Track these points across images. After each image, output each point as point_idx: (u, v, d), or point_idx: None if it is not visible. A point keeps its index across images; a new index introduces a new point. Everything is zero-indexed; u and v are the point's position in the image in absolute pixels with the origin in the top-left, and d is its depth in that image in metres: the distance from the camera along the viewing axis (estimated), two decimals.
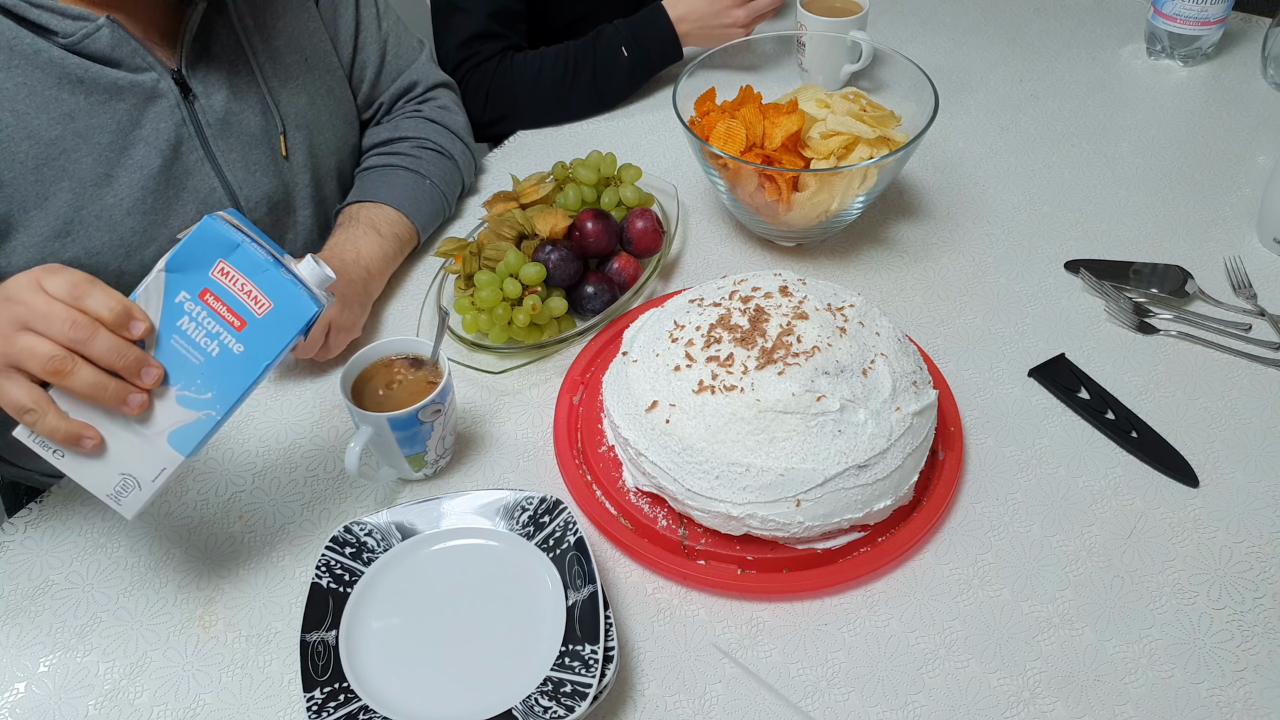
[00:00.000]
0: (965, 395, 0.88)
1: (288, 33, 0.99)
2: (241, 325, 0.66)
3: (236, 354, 0.66)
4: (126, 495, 0.67)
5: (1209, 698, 0.67)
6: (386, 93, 1.12)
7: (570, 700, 0.62)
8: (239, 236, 0.65)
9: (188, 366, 0.66)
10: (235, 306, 0.65)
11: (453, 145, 1.11)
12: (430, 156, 1.08)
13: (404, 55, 1.12)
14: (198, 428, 0.66)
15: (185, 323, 0.65)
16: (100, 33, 0.82)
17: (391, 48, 1.11)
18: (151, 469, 0.66)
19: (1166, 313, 0.94)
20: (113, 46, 0.83)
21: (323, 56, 1.03)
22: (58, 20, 0.81)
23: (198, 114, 0.91)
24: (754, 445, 0.71)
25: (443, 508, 0.74)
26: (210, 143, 0.92)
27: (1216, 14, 1.25)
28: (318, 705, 0.63)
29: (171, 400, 0.66)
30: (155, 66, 0.87)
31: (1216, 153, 1.16)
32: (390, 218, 1.01)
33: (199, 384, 0.66)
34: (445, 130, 1.12)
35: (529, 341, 0.92)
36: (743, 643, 0.72)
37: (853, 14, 1.21)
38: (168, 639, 0.74)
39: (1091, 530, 0.77)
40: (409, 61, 1.13)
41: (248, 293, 0.65)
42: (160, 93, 0.88)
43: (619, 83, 1.27)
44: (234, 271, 0.65)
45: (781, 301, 0.78)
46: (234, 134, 0.94)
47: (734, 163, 0.93)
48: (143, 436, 0.66)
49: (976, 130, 1.21)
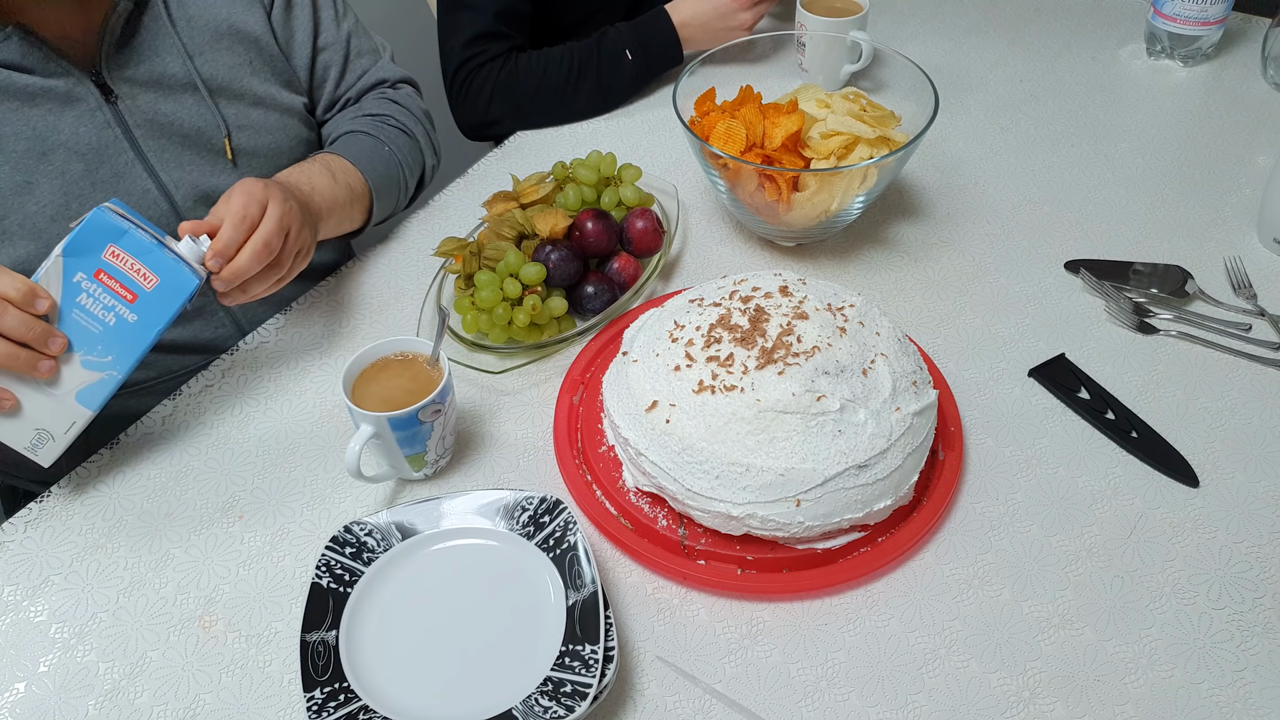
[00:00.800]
0: (965, 395, 0.88)
1: (232, 35, 0.97)
2: (134, 298, 0.77)
3: (131, 322, 0.78)
4: (42, 447, 0.79)
5: (1209, 698, 0.67)
6: (353, 89, 1.11)
7: (570, 700, 0.62)
8: (125, 224, 0.77)
9: (89, 335, 0.77)
10: (127, 283, 0.77)
11: (415, 126, 1.12)
12: (391, 132, 1.08)
13: (367, 55, 1.12)
14: (102, 386, 0.78)
15: (84, 298, 0.76)
16: (9, 42, 0.82)
17: (354, 48, 1.10)
18: (63, 424, 0.78)
19: (1166, 313, 0.94)
20: (22, 54, 0.83)
21: (270, 60, 1.02)
22: None
23: (124, 115, 0.90)
24: (754, 445, 0.71)
25: (443, 508, 0.74)
26: (141, 144, 0.92)
27: (1216, 14, 1.25)
28: (318, 705, 0.63)
29: (77, 364, 0.77)
30: (72, 71, 0.86)
31: (1216, 153, 1.16)
32: (344, 167, 1.01)
33: (100, 349, 0.77)
34: (408, 112, 1.12)
35: (529, 341, 0.92)
36: (743, 643, 0.72)
37: (853, 14, 1.21)
38: (168, 639, 0.74)
39: (1091, 530, 0.77)
40: (373, 62, 1.12)
41: (137, 270, 0.77)
42: (77, 97, 0.87)
43: (622, 85, 1.27)
44: (124, 254, 0.77)
45: (781, 301, 0.78)
46: (167, 135, 0.93)
47: (734, 163, 0.93)
48: (54, 397, 0.77)
49: (976, 130, 1.21)
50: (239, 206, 0.81)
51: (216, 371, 0.94)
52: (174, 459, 0.87)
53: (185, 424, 0.90)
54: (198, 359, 1.04)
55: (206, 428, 0.89)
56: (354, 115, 1.09)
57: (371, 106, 1.10)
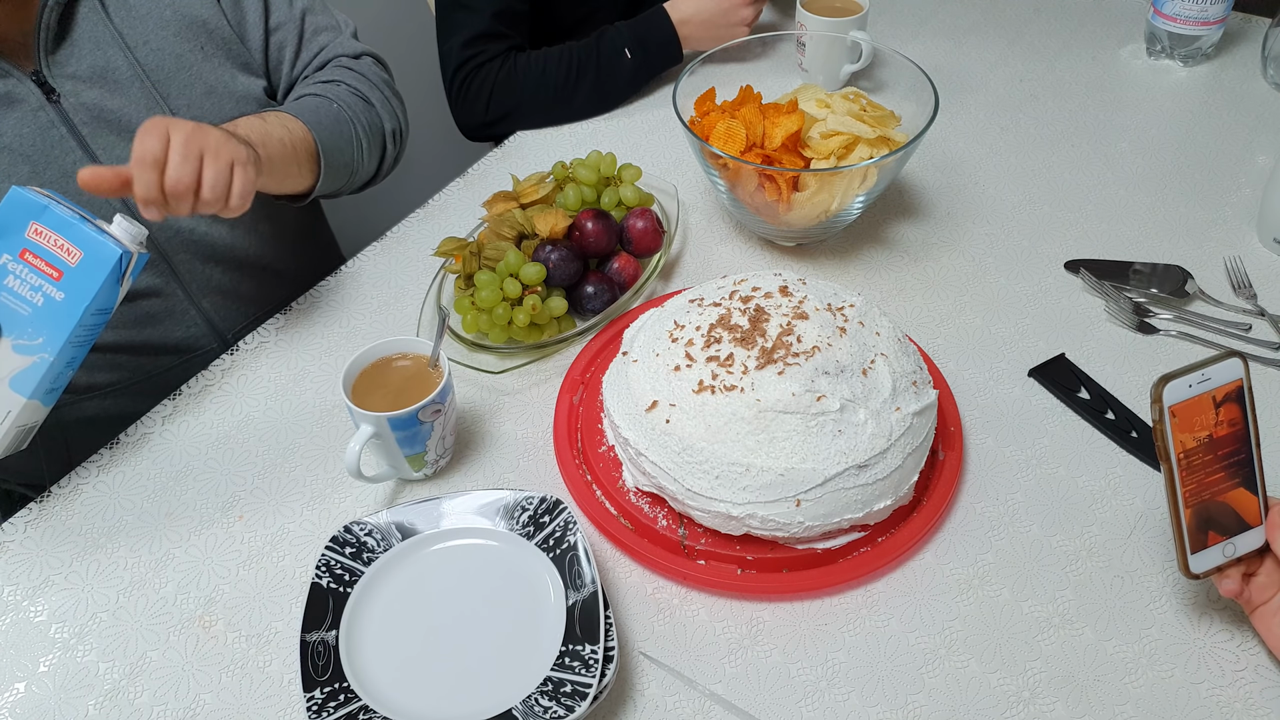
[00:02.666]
0: (965, 395, 0.88)
1: (176, 23, 0.95)
2: (59, 275, 0.75)
3: (59, 301, 0.75)
4: None
5: (1209, 698, 0.67)
6: (309, 66, 1.07)
7: (570, 700, 0.62)
8: (45, 200, 0.75)
9: (19, 319, 0.75)
10: (51, 260, 0.75)
11: (371, 92, 1.07)
12: (342, 91, 1.04)
13: (325, 33, 1.07)
14: (34, 371, 0.75)
15: (10, 280, 0.74)
16: None
17: (310, 25, 1.06)
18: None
19: (1166, 313, 0.94)
20: None
21: (223, 43, 0.99)
22: None
23: (68, 114, 0.89)
24: (754, 445, 0.71)
25: (443, 508, 0.74)
26: (88, 141, 0.90)
27: (1216, 14, 1.25)
28: (318, 705, 0.63)
29: (9, 350, 0.75)
30: (11, 71, 0.85)
31: (1216, 153, 1.16)
32: (285, 119, 0.96)
33: (30, 332, 0.75)
34: (363, 78, 1.07)
35: (529, 341, 0.92)
36: (743, 643, 0.72)
37: (853, 14, 1.21)
38: (168, 639, 0.74)
39: (1091, 530, 0.77)
40: (331, 38, 1.08)
41: (61, 246, 0.75)
42: (18, 97, 0.86)
43: (622, 84, 1.27)
44: (46, 230, 0.75)
45: (781, 301, 0.78)
46: (114, 130, 0.92)
47: (734, 163, 0.93)
48: None
49: (976, 130, 1.21)
50: (137, 149, 0.77)
51: (216, 371, 0.94)
52: (174, 459, 0.87)
53: (185, 424, 0.90)
54: (173, 359, 1.03)
55: (206, 428, 0.89)
56: (303, 86, 1.05)
57: (324, 75, 1.06)
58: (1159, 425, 0.64)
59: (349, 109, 1.04)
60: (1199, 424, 0.65)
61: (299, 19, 1.05)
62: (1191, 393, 0.64)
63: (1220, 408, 0.65)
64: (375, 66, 1.12)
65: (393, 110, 1.11)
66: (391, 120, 1.10)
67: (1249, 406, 0.66)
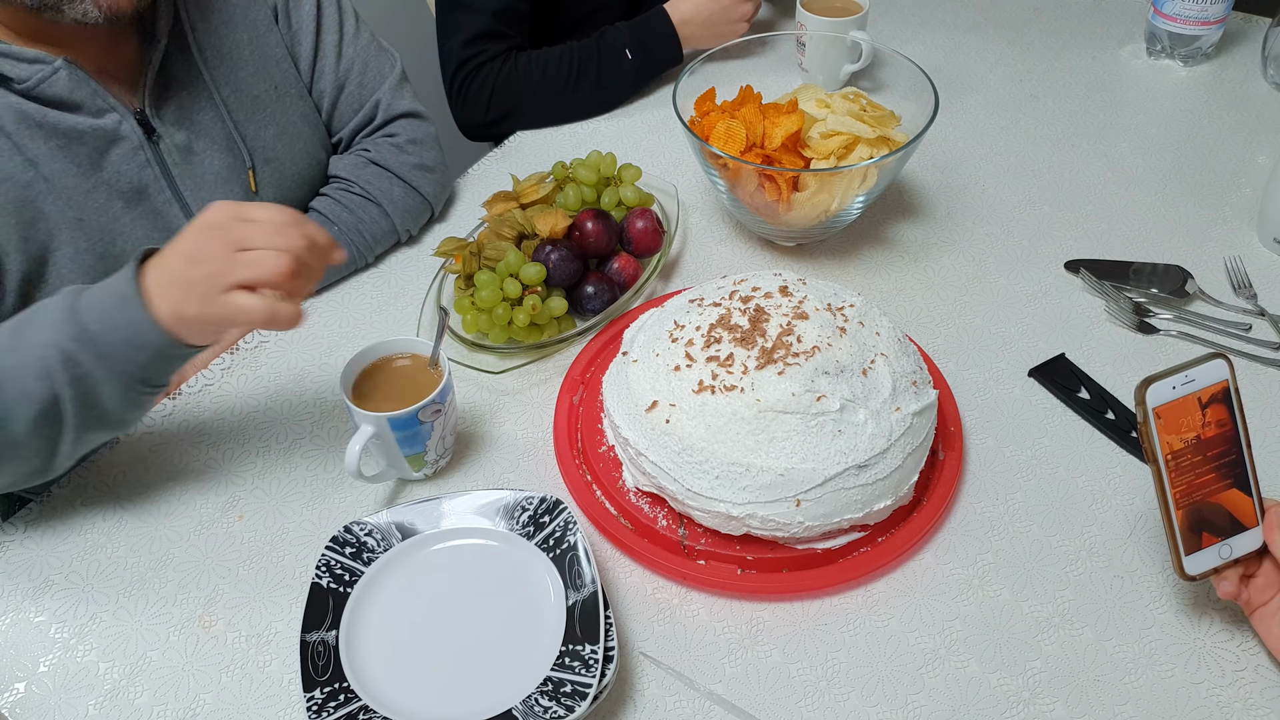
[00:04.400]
0: (965, 395, 0.88)
1: (254, 63, 0.96)
2: None
3: None
4: None
5: (1209, 698, 0.67)
6: (347, 127, 1.07)
7: (570, 700, 0.62)
8: None
9: None
10: None
11: (388, 190, 1.03)
12: (353, 200, 1.03)
13: (368, 84, 1.06)
14: None
15: None
16: (57, 75, 0.81)
17: (355, 76, 1.05)
18: None
19: (1166, 313, 0.94)
20: (71, 89, 0.82)
21: (293, 83, 1.00)
22: (13, 65, 0.79)
23: (163, 154, 0.90)
24: (754, 445, 0.71)
25: (443, 508, 0.74)
26: (178, 183, 0.91)
27: (1216, 14, 1.25)
28: (318, 705, 0.63)
29: None
30: (116, 107, 0.86)
31: (1216, 153, 1.16)
32: None
33: None
34: (385, 172, 1.04)
35: (529, 341, 0.92)
36: (743, 643, 0.72)
37: (853, 14, 1.21)
38: (168, 639, 0.74)
39: (1091, 530, 0.77)
40: (371, 91, 1.06)
41: None
42: (121, 135, 0.87)
43: (622, 85, 1.27)
44: None
45: (781, 301, 0.78)
46: (200, 173, 0.93)
47: (734, 163, 0.93)
48: None
49: (976, 130, 1.21)
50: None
51: (216, 371, 0.94)
52: (174, 459, 0.86)
53: (185, 424, 0.89)
54: None
55: (206, 428, 0.89)
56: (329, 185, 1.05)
57: (343, 168, 1.04)
58: (1144, 427, 0.64)
59: (349, 229, 1.01)
60: (1185, 425, 0.65)
61: (344, 72, 1.04)
62: (1176, 394, 0.64)
63: (1207, 409, 0.65)
64: (411, 140, 1.06)
65: (413, 204, 1.05)
66: (406, 222, 1.05)
67: (1237, 407, 0.66)
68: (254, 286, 0.67)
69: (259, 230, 0.68)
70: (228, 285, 0.67)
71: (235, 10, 0.95)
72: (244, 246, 0.67)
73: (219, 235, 0.68)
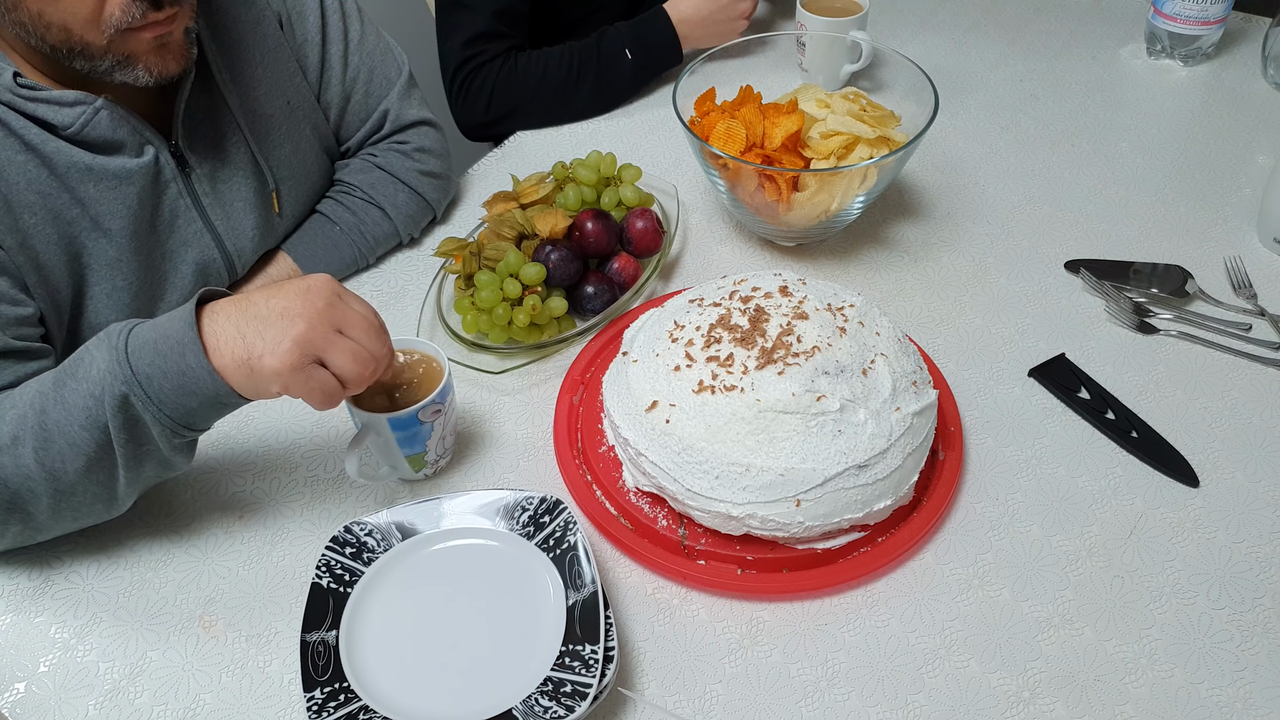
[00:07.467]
0: (965, 395, 0.88)
1: (266, 81, 0.96)
2: None
3: None
4: None
5: (1209, 698, 0.67)
6: (355, 137, 1.06)
7: (570, 700, 0.62)
8: None
9: None
10: None
11: (392, 195, 1.04)
12: (356, 202, 1.03)
13: (374, 93, 1.05)
14: None
15: None
16: (99, 116, 0.81)
17: (361, 85, 1.04)
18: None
19: (1166, 313, 0.94)
20: (113, 128, 0.82)
21: (304, 96, 1.00)
22: (56, 111, 0.79)
23: (194, 184, 0.90)
24: (754, 445, 0.71)
25: (443, 508, 0.74)
26: (208, 212, 0.91)
27: (1216, 14, 1.25)
28: (318, 705, 0.63)
29: None
30: (154, 140, 0.86)
31: (1216, 153, 1.16)
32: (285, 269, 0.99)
33: None
34: (390, 177, 1.04)
35: (529, 341, 0.92)
36: (743, 643, 0.72)
37: (853, 14, 1.21)
38: (168, 639, 0.74)
39: (1091, 530, 0.77)
40: (378, 100, 1.05)
41: None
42: (160, 169, 0.87)
43: (622, 85, 1.27)
44: None
45: (781, 301, 0.78)
46: (228, 200, 0.93)
47: (734, 163, 0.93)
48: None
49: (976, 130, 1.21)
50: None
51: None
52: None
53: None
54: None
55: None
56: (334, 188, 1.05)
57: (350, 172, 1.04)
58: None
59: (352, 230, 1.02)
60: None
61: (350, 83, 1.03)
62: None
63: None
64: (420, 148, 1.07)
65: (416, 209, 1.06)
66: (409, 226, 1.06)
67: None
68: (330, 367, 0.68)
69: (358, 322, 0.69)
70: (317, 357, 0.67)
71: (245, 28, 0.94)
72: (343, 329, 0.68)
73: (326, 308, 0.68)
